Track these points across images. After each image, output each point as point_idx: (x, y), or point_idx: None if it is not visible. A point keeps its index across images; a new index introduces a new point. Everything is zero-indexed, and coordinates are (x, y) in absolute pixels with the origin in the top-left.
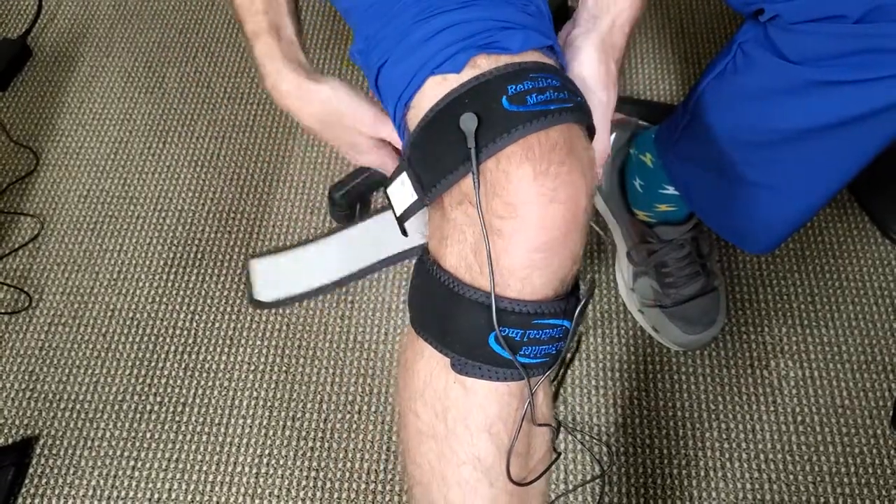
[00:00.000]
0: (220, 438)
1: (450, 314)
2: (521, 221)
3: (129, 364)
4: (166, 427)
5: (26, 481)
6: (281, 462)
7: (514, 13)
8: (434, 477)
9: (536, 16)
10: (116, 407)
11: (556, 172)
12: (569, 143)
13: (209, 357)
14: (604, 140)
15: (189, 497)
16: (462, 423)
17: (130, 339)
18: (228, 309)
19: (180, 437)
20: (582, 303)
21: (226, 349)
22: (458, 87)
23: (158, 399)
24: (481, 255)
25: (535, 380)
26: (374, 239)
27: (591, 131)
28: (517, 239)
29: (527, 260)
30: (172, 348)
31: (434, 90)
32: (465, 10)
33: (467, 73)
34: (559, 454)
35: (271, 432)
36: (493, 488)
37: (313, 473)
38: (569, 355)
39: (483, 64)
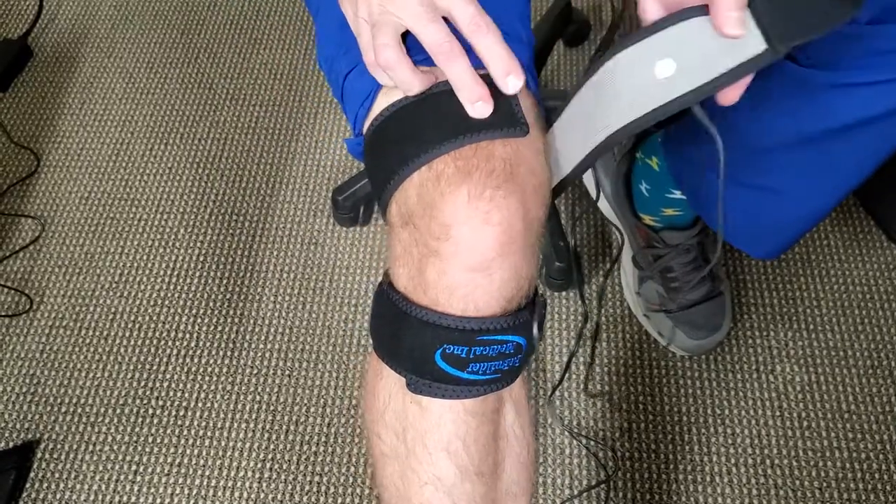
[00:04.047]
0: (223, 443)
1: (400, 334)
2: (453, 243)
3: (131, 367)
4: (168, 431)
5: (27, 485)
6: (284, 467)
7: None
8: (400, 499)
9: (513, 38)
10: (118, 410)
11: (492, 196)
12: (510, 167)
13: (212, 361)
14: None
15: (192, 502)
16: (420, 442)
17: (132, 342)
18: (231, 312)
19: (182, 441)
20: (544, 318)
21: (228, 353)
22: (414, 95)
23: (160, 403)
24: (423, 275)
25: (498, 395)
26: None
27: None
28: (453, 260)
29: (465, 279)
30: (174, 352)
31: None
32: None
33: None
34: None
35: (274, 437)
36: None
37: (316, 478)
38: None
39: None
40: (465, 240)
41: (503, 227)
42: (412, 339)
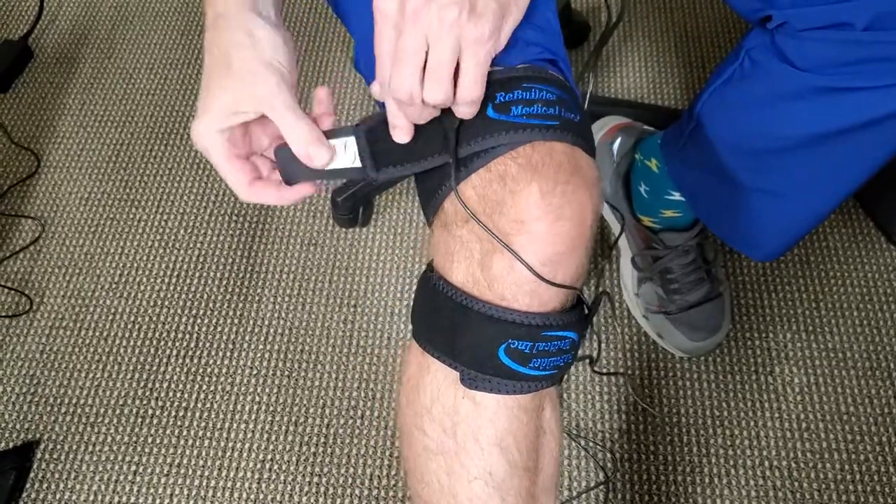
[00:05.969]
0: (222, 443)
1: (459, 328)
2: (529, 237)
3: (131, 368)
4: (168, 432)
5: (27, 485)
6: (283, 467)
7: (520, 29)
8: (444, 495)
9: (546, 31)
10: (118, 411)
11: (563, 191)
12: (573, 162)
13: (211, 361)
14: None
15: (191, 502)
16: (472, 438)
17: (132, 342)
18: (230, 313)
19: (182, 442)
20: (595, 312)
21: (228, 353)
22: None
23: (160, 403)
24: (489, 270)
25: (541, 393)
26: None
27: (587, 148)
28: (525, 254)
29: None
30: (174, 352)
31: None
32: None
33: None
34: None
35: (273, 437)
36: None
37: (315, 479)
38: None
39: None
40: (539, 235)
41: (574, 221)
42: (474, 334)
